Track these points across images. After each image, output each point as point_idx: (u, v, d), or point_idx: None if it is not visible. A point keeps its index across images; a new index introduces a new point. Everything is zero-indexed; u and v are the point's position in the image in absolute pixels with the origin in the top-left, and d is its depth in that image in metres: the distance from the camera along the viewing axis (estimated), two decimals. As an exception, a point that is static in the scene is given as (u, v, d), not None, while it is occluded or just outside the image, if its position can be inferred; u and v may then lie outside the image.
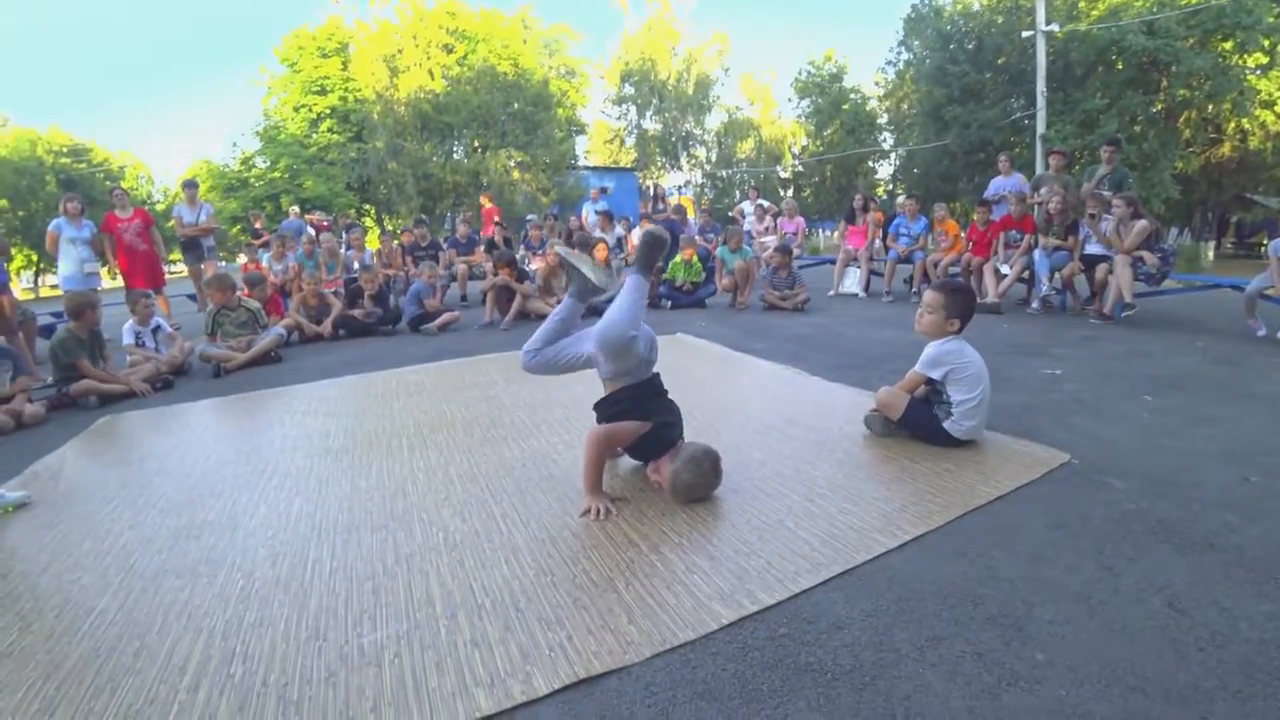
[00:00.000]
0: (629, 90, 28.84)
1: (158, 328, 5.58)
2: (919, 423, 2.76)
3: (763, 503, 2.29)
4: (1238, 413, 3.12)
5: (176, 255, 22.83)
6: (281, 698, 1.45)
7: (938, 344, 2.74)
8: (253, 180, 22.97)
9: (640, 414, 2.30)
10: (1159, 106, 12.68)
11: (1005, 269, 6.48)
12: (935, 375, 2.71)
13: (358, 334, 6.84)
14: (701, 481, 2.28)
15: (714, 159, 29.23)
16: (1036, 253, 6.24)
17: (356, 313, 6.92)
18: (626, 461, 2.69)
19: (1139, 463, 2.55)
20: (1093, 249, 5.91)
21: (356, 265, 8.19)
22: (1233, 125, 13.64)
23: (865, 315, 6.54)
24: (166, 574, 2.05)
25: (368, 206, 24.42)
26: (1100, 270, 5.73)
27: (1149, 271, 5.55)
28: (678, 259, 7.57)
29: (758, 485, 2.44)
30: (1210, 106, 13.02)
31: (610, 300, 2.51)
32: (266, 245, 9.44)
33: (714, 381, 4.09)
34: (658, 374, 2.50)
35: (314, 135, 23.20)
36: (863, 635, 1.57)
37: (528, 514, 2.30)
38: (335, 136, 23.21)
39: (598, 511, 2.21)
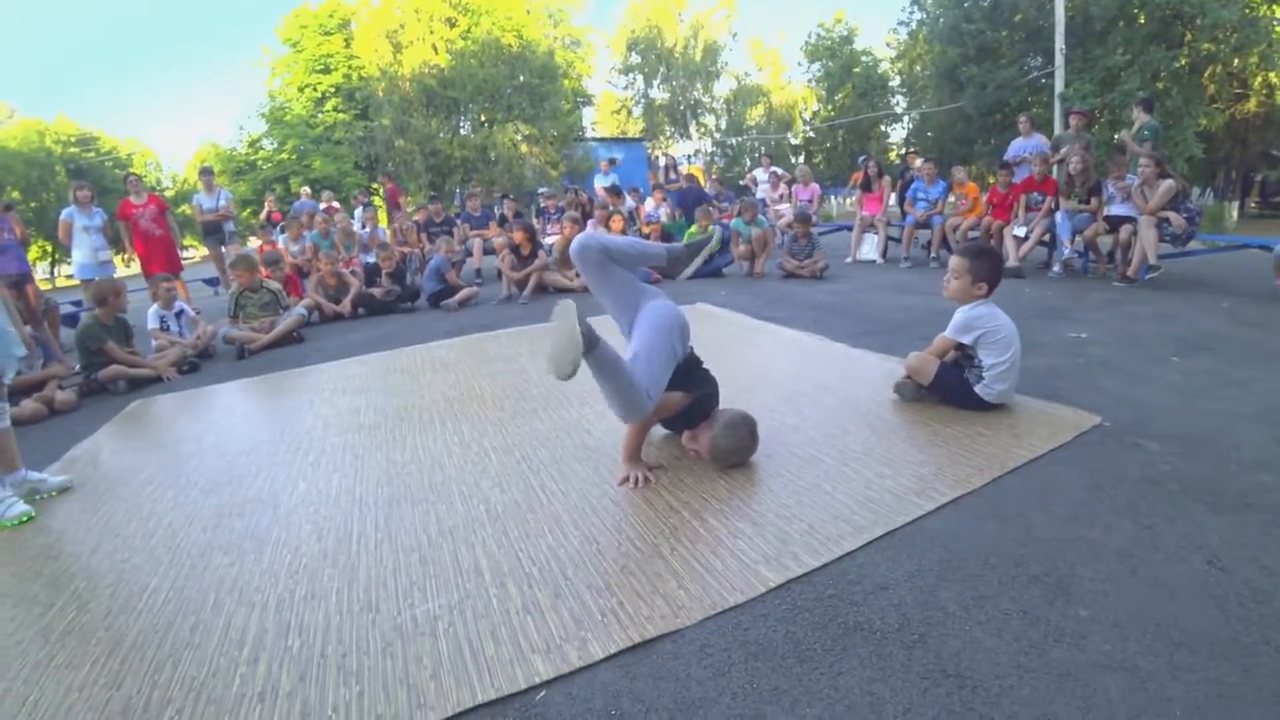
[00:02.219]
0: (635, 59, 28.36)
1: (181, 312, 5.64)
2: (950, 387, 2.76)
3: (799, 468, 2.32)
4: (1267, 374, 3.09)
5: (190, 240, 22.95)
6: (341, 668, 1.48)
7: (967, 308, 2.73)
8: (261, 163, 22.93)
9: (684, 386, 2.32)
10: (1182, 61, 12.29)
11: (1022, 231, 6.39)
12: (966, 340, 2.71)
13: (377, 312, 6.89)
14: (740, 447, 2.31)
15: (723, 127, 28.80)
16: (1058, 215, 6.14)
17: (375, 291, 6.95)
18: (657, 430, 2.72)
19: (1170, 424, 2.55)
20: (1117, 210, 5.81)
21: (367, 229, 8.17)
22: (1260, 79, 13.24)
23: (884, 282, 6.49)
24: (214, 551, 2.11)
25: (376, 185, 24.31)
26: (1124, 231, 5.64)
27: (1174, 232, 5.46)
28: (693, 228, 7.52)
29: (792, 451, 2.47)
30: (1236, 60, 12.62)
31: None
32: (283, 226, 9.46)
33: (739, 350, 4.10)
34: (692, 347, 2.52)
35: (320, 115, 23.06)
36: (908, 595, 1.60)
37: (566, 484, 2.34)
38: (341, 115, 23.06)
39: (636, 480, 2.25)
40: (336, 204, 11.65)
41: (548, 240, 8.18)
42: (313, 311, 6.64)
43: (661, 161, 15.58)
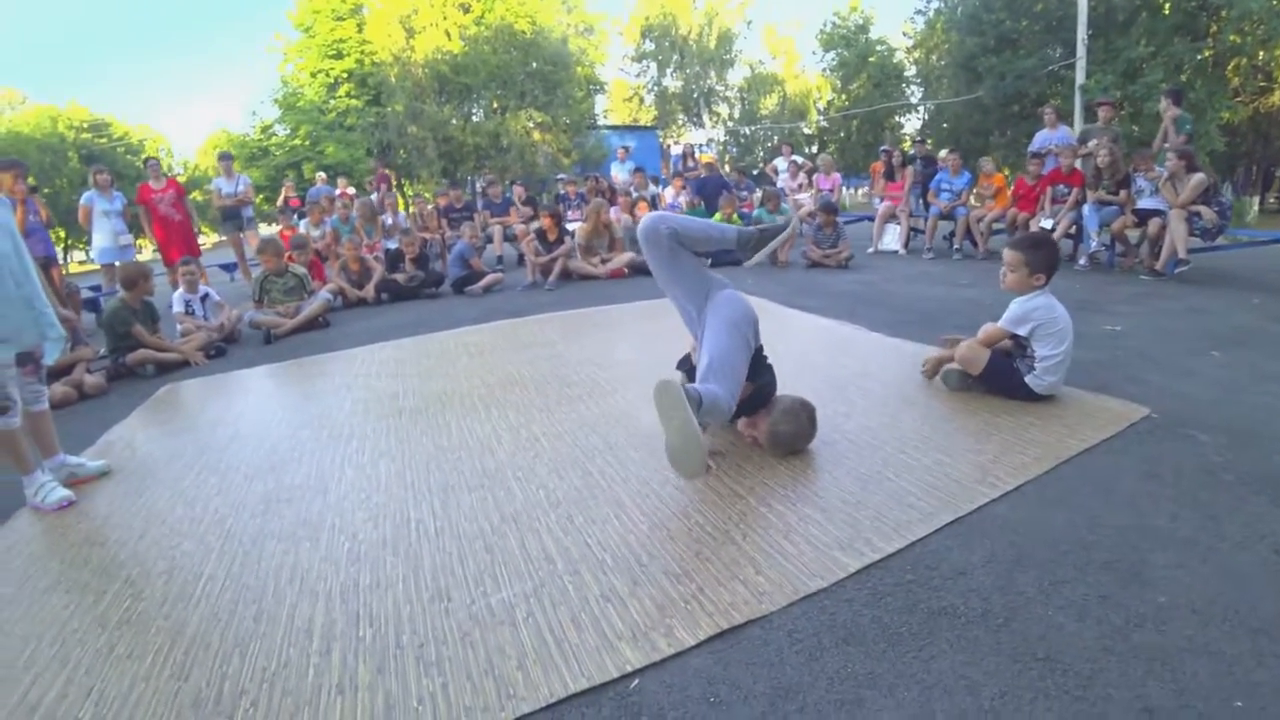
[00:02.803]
0: (649, 46, 28.17)
1: (206, 296, 5.66)
2: (1000, 377, 2.77)
3: (858, 455, 2.34)
4: None
5: (204, 228, 22.94)
6: (420, 658, 1.46)
7: (1024, 300, 2.73)
8: (273, 149, 22.87)
9: (748, 376, 2.33)
10: (1207, 54, 12.15)
11: (1049, 224, 6.36)
12: (1021, 332, 2.71)
13: (401, 297, 6.91)
14: (800, 433, 2.32)
15: (737, 115, 28.64)
16: (1085, 207, 6.11)
17: (399, 276, 6.97)
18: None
19: (1218, 416, 2.56)
20: (1146, 203, 5.78)
21: (390, 221, 8.19)
22: (1284, 71, 13.13)
23: (910, 272, 6.48)
24: (266, 538, 2.10)
25: (388, 172, 24.23)
26: (1154, 225, 5.61)
27: (1205, 226, 5.44)
28: (717, 215, 7.51)
29: (848, 438, 2.49)
30: (1261, 53, 12.46)
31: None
32: (302, 212, 9.48)
33: (776, 338, 4.04)
34: None
35: (332, 100, 22.98)
36: (986, 580, 1.62)
37: (624, 470, 2.36)
38: (354, 101, 22.96)
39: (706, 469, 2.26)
40: (351, 190, 11.67)
41: (570, 227, 8.17)
42: (336, 296, 6.67)
43: (677, 150, 15.51)
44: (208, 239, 25.98)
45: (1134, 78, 11.91)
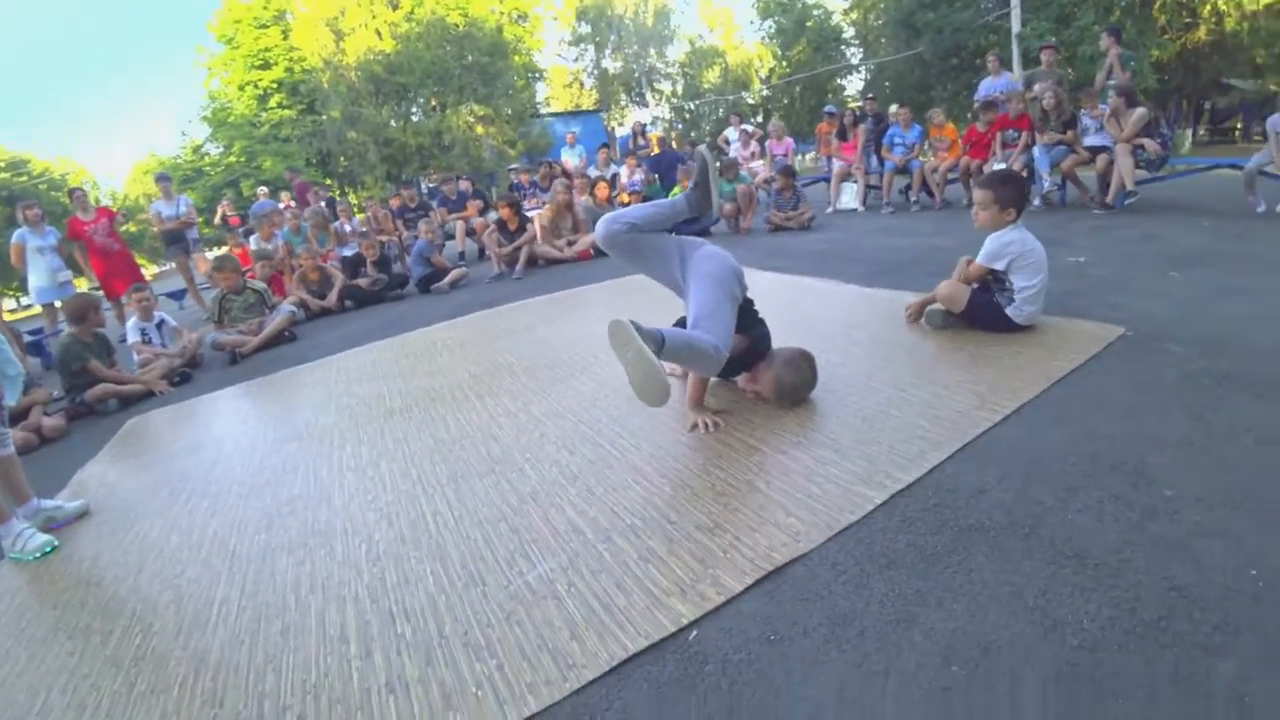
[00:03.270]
0: (585, 29, 27.90)
1: (162, 322, 5.43)
2: (982, 312, 2.85)
3: (859, 398, 2.40)
4: (1261, 281, 3.27)
5: (141, 259, 22.06)
6: (467, 644, 1.44)
7: (997, 235, 2.81)
8: (207, 169, 22.08)
9: (741, 329, 2.36)
10: (1135, -7, 12.56)
11: (1000, 169, 6.51)
12: (999, 266, 2.79)
13: (366, 303, 6.77)
14: (803, 382, 2.37)
15: (680, 91, 28.60)
16: (1036, 149, 6.28)
17: (362, 282, 6.84)
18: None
19: (1188, 330, 2.69)
20: (1092, 140, 5.97)
21: (348, 228, 8.02)
22: (1209, 7, 13.56)
23: (872, 227, 6.60)
24: (277, 552, 2.03)
25: (329, 181, 23.64)
26: (1101, 160, 5.80)
27: (1149, 158, 5.65)
28: (676, 189, 7.52)
29: (846, 384, 2.54)
30: (1185, -9, 12.95)
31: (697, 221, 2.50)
32: (246, 230, 9.19)
33: (757, 299, 4.10)
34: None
35: (264, 113, 22.24)
36: (1005, 496, 1.69)
37: (634, 439, 2.38)
38: (287, 111, 22.28)
39: (706, 425, 2.29)
40: (294, 203, 11.34)
41: (530, 214, 8.10)
42: (299, 309, 6.51)
43: (623, 131, 15.43)
44: (147, 269, 25.03)
45: (1067, 23, 12.22)
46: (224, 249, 10.01)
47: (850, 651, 1.26)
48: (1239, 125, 17.21)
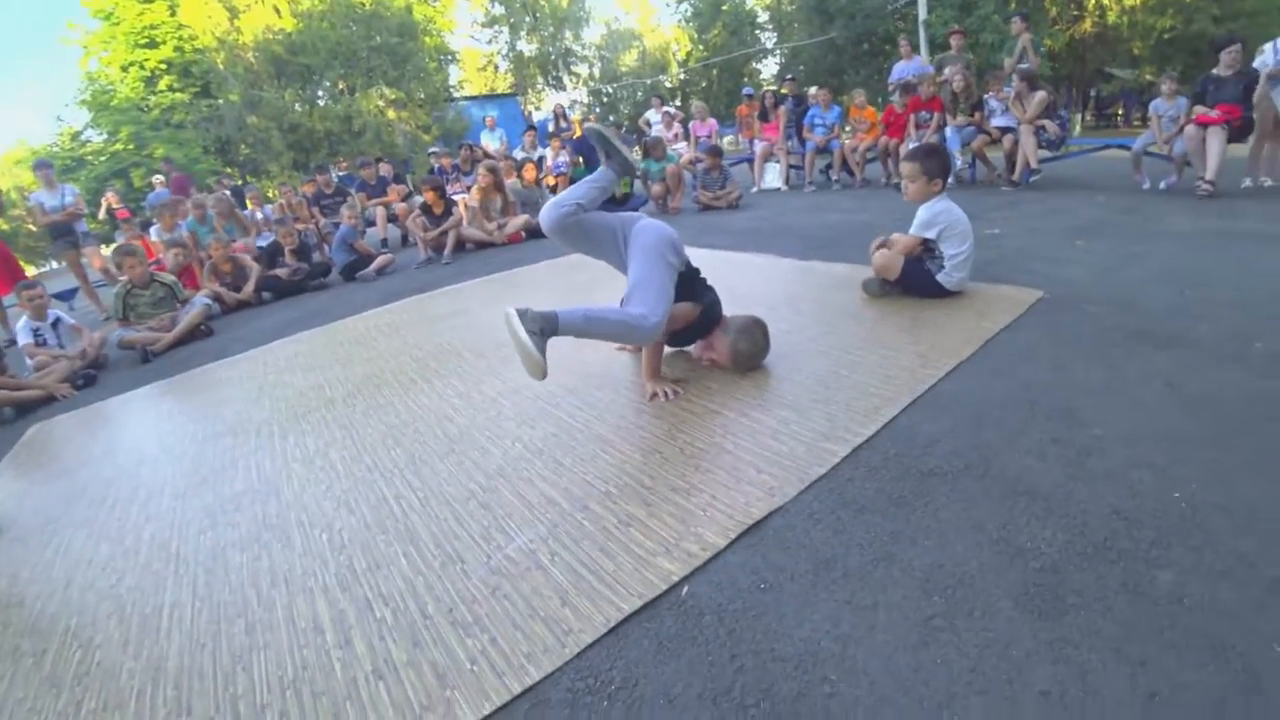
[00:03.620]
0: (498, 10, 27.21)
1: (58, 321, 4.98)
2: (916, 279, 3.00)
3: (810, 362, 2.49)
4: (1153, 247, 3.62)
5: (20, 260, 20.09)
6: (454, 622, 1.41)
7: (928, 205, 2.96)
8: (89, 158, 20.20)
9: (690, 297, 2.40)
10: (1030, -15, 13.35)
11: (924, 143, 6.84)
12: (930, 235, 2.95)
13: (286, 294, 6.42)
14: (758, 348, 2.44)
15: (598, 75, 28.38)
16: (948, 130, 6.61)
17: (280, 272, 6.48)
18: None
19: (1098, 292, 2.94)
20: (998, 121, 6.34)
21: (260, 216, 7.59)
22: (1093, 1, 14.63)
23: (798, 205, 6.79)
24: (228, 550, 1.92)
25: (230, 170, 22.19)
26: (1007, 141, 6.18)
27: (1050, 139, 6.06)
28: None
29: (797, 349, 2.63)
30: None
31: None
32: (145, 222, 8.54)
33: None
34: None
35: (153, 96, 20.53)
36: (958, 443, 1.81)
37: (595, 411, 2.38)
38: (179, 95, 20.60)
39: (665, 394, 2.33)
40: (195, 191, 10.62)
41: (455, 197, 7.90)
42: (214, 302, 6.12)
43: (540, 116, 15.20)
44: (27, 270, 22.75)
45: (969, 11, 12.86)
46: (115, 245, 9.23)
47: (838, 591, 1.33)
48: (1120, 111, 18.72)
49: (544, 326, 2.01)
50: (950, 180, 6.49)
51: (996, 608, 1.23)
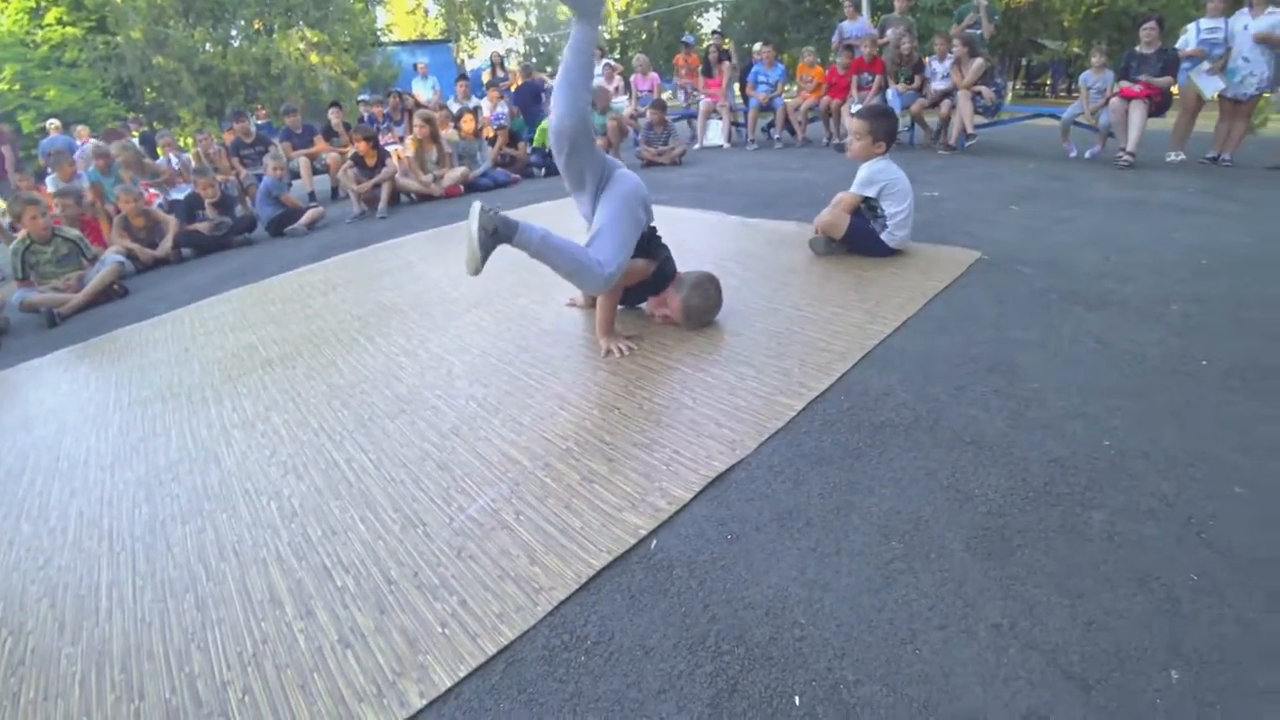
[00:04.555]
0: (426, -51, 25.74)
1: (-59, 286, 4.57)
2: (860, 237, 3.07)
3: (763, 318, 2.53)
4: (1081, 213, 3.81)
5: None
6: (420, 586, 1.38)
7: (869, 164, 3.01)
8: (-35, 100, 18.17)
9: (646, 254, 2.38)
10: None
11: (857, 109, 6.90)
12: (870, 193, 3.00)
13: (209, 250, 6.03)
14: (711, 304, 2.46)
15: (534, 23, 27.35)
16: (889, 92, 6.69)
17: (201, 226, 6.06)
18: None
19: (1031, 253, 3.09)
20: (938, 86, 6.45)
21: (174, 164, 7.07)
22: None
23: (741, 162, 6.79)
24: (167, 523, 1.81)
25: (131, 114, 20.42)
26: (944, 106, 6.31)
27: (986, 105, 6.22)
28: (545, 123, 7.31)
29: (748, 306, 2.66)
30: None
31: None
32: (39, 172, 7.82)
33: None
34: None
35: (40, 30, 18.54)
36: (908, 396, 1.88)
37: (549, 368, 2.35)
38: (70, 29, 18.69)
39: (620, 350, 2.32)
40: (94, 140, 9.79)
41: (389, 148, 7.54)
42: (128, 259, 5.69)
43: (474, 64, 14.57)
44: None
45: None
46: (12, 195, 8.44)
47: (802, 539, 1.37)
48: (1049, 81, 19.41)
49: (500, 228, 2.00)
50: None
51: (950, 550, 1.30)
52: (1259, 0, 4.84)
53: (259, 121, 10.49)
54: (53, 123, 10.95)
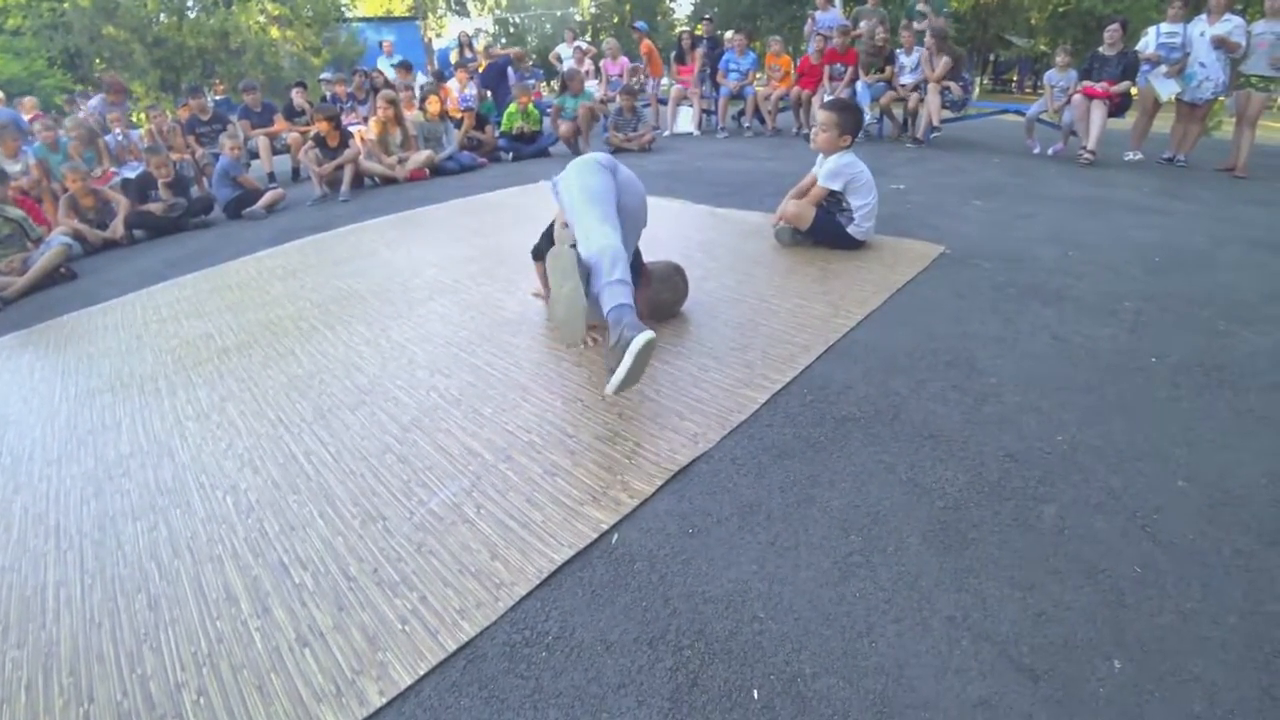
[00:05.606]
0: (393, -79, 25.02)
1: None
2: (826, 229, 3.09)
3: (728, 309, 2.54)
4: (1041, 209, 3.89)
5: None
6: (380, 582, 1.36)
7: (835, 157, 3.03)
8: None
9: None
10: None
11: (844, 97, 6.93)
12: (836, 186, 3.02)
13: (163, 232, 5.81)
14: (678, 297, 2.46)
15: (504, 3, 26.83)
16: (859, 84, 6.72)
17: (154, 207, 5.83)
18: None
19: (992, 248, 3.15)
20: (907, 79, 6.51)
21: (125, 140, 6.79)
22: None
23: (711, 150, 6.79)
24: (118, 519, 1.73)
25: (81, 87, 19.55)
26: (912, 99, 6.38)
27: (954, 100, 6.30)
28: (513, 107, 7.21)
29: (713, 297, 2.67)
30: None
31: None
32: None
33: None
34: None
35: (-25, -5, 17.61)
36: (869, 390, 1.91)
37: (511, 358, 2.33)
38: (13, -5, 17.85)
39: (585, 342, 2.30)
40: (40, 113, 9.34)
41: (352, 129, 7.35)
42: (76, 241, 5.46)
43: (442, 43, 14.25)
44: None
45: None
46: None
47: (761, 533, 1.38)
48: (1015, 77, 19.75)
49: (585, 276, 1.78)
50: (859, 135, 6.72)
51: (907, 543, 1.33)
52: (1217, 7, 4.96)
53: (216, 98, 10.12)
54: (-4, 93, 10.44)
